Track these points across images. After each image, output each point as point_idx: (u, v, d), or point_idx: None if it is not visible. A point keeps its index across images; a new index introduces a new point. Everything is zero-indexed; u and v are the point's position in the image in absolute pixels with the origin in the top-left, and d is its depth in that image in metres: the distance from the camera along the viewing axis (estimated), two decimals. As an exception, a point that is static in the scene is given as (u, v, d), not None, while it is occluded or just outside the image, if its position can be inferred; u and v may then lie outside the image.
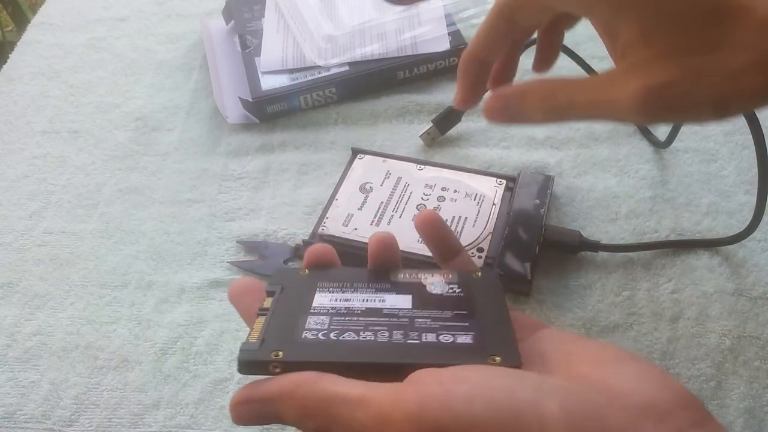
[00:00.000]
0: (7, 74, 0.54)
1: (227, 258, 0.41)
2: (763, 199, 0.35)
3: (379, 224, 0.39)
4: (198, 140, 0.48)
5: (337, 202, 0.41)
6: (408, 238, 0.37)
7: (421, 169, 0.43)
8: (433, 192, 0.41)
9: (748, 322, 0.36)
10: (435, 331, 0.25)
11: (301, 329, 0.25)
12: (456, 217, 0.40)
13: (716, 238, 0.39)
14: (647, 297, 0.37)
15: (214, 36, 0.54)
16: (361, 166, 0.43)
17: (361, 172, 0.43)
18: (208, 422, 0.34)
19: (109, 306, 0.39)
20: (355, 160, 0.44)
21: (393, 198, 0.41)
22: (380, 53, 0.49)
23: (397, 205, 0.41)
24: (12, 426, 0.35)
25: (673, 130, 0.43)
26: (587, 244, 0.39)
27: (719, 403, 0.33)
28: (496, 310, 0.26)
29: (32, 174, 0.47)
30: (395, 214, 0.40)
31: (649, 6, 0.27)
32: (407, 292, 0.28)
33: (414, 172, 0.43)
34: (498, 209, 0.40)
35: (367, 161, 0.44)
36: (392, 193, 0.41)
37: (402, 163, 0.43)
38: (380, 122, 0.48)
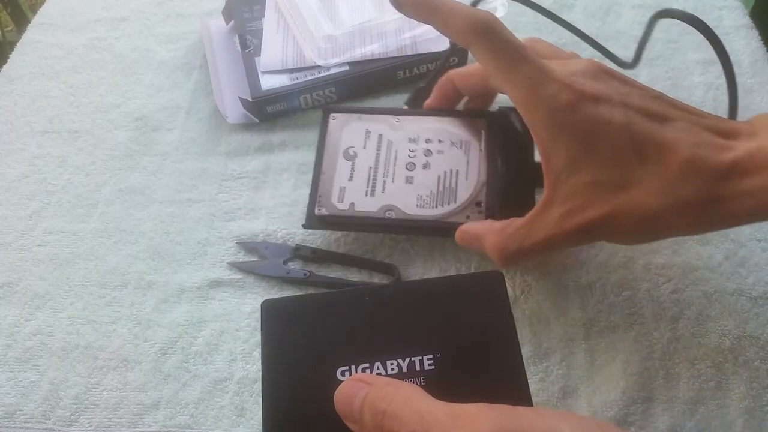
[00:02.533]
0: (7, 74, 0.54)
1: (227, 258, 0.41)
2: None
3: (374, 194, 0.39)
4: (198, 140, 0.48)
5: (324, 176, 0.40)
6: (406, 202, 0.37)
7: (398, 121, 0.42)
8: (418, 146, 0.40)
9: (748, 322, 0.36)
10: None
11: None
12: (448, 172, 0.39)
13: None
14: (647, 297, 0.37)
15: (214, 36, 0.54)
16: (337, 128, 0.42)
17: (338, 134, 0.41)
18: (208, 422, 0.34)
19: (109, 306, 0.39)
20: (329, 121, 0.42)
21: (380, 161, 0.40)
22: (380, 53, 0.49)
23: (386, 169, 0.39)
24: (12, 426, 0.35)
25: (639, 50, 0.43)
26: None
27: (719, 403, 0.33)
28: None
29: (32, 174, 0.47)
30: (387, 179, 0.39)
31: (580, 138, 0.29)
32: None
33: (393, 126, 0.41)
34: (486, 154, 0.39)
35: (342, 120, 0.42)
36: (378, 156, 0.40)
37: (378, 116, 0.42)
38: (380, 122, 0.48)
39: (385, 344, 0.25)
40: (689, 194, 0.28)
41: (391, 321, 0.26)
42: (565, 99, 0.29)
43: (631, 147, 0.29)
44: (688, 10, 0.53)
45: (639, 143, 0.29)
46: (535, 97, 0.30)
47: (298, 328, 0.26)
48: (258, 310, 0.38)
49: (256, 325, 0.38)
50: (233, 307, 0.39)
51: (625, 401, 0.34)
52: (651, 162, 0.29)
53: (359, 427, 0.23)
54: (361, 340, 0.26)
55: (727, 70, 0.37)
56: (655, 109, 0.30)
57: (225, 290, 0.39)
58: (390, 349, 0.25)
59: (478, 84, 0.39)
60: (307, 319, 0.26)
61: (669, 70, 0.41)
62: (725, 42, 0.51)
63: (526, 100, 0.31)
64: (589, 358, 0.35)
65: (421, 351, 0.25)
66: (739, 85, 0.48)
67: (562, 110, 0.29)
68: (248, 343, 0.37)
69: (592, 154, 0.29)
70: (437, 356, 0.25)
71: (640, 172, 0.29)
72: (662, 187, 0.28)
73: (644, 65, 0.49)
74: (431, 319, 0.26)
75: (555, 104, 0.30)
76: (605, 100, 0.30)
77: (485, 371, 0.25)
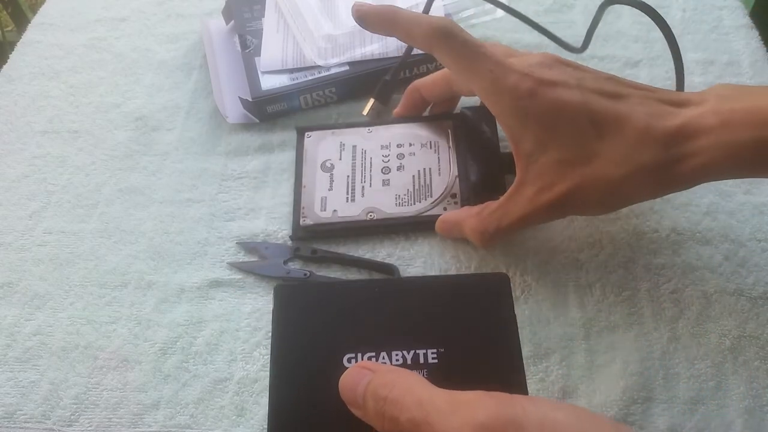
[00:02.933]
0: (7, 74, 0.54)
1: (227, 258, 0.41)
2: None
3: (353, 200, 0.41)
4: (198, 140, 0.48)
5: (306, 189, 0.42)
6: (385, 203, 0.40)
7: (370, 131, 0.44)
8: (391, 151, 0.43)
9: (748, 322, 0.36)
10: None
11: None
12: (421, 171, 0.42)
13: None
14: (647, 297, 0.37)
15: (214, 36, 0.54)
16: (312, 145, 0.44)
17: (314, 150, 0.44)
18: (208, 422, 0.34)
19: (109, 306, 0.39)
20: (304, 139, 0.45)
21: (356, 169, 0.43)
22: (380, 53, 0.49)
23: (363, 176, 0.42)
24: (12, 426, 0.35)
25: (588, 35, 0.46)
26: None
27: (719, 403, 0.33)
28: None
29: (32, 174, 0.47)
30: (365, 184, 0.42)
31: (543, 121, 0.32)
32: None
33: (365, 136, 0.44)
34: (455, 150, 0.42)
35: (316, 137, 0.45)
36: (354, 165, 0.43)
37: (350, 130, 0.45)
38: (380, 122, 0.48)
39: (391, 336, 0.26)
40: (646, 160, 0.31)
41: (399, 314, 0.27)
42: (525, 87, 0.32)
43: (590, 123, 0.31)
44: (688, 10, 0.54)
45: (597, 119, 0.31)
46: (499, 88, 0.33)
47: (308, 314, 0.27)
48: (258, 310, 0.38)
49: (256, 325, 0.38)
50: (233, 307, 0.39)
51: (625, 401, 0.34)
52: (609, 135, 0.31)
53: (362, 412, 0.24)
54: (368, 330, 0.26)
55: (674, 51, 0.39)
56: (610, 89, 0.32)
57: (225, 290, 0.39)
58: (396, 340, 0.26)
59: (442, 90, 0.42)
60: (318, 306, 0.27)
61: (669, 70, 0.41)
62: (725, 42, 0.51)
63: (491, 91, 0.33)
64: (589, 358, 0.35)
65: (426, 345, 0.26)
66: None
67: (525, 97, 0.32)
68: (248, 343, 0.37)
69: (556, 134, 0.32)
70: (441, 351, 0.26)
71: (600, 145, 0.31)
72: (621, 157, 0.31)
73: (644, 65, 0.49)
74: (437, 315, 0.27)
75: (517, 92, 0.32)
76: (562, 85, 0.32)
77: (485, 368, 0.26)
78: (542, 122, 0.32)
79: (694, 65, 0.49)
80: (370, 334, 0.26)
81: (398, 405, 0.23)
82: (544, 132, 0.32)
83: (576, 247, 0.40)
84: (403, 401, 0.23)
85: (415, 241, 0.40)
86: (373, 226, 0.40)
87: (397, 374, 0.24)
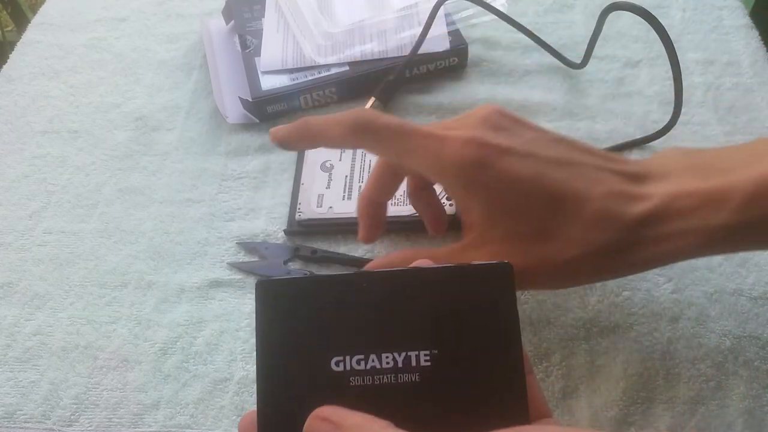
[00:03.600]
0: (7, 74, 0.54)
1: (227, 258, 0.41)
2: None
3: (350, 197, 0.41)
4: (198, 140, 0.48)
5: (303, 186, 0.42)
6: None
7: None
8: None
9: (748, 322, 0.36)
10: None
11: None
12: None
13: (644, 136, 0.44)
14: (647, 297, 0.37)
15: (214, 36, 0.54)
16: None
17: (315, 152, 0.44)
18: (208, 422, 0.34)
19: (109, 306, 0.39)
20: None
21: (355, 169, 0.43)
22: (380, 51, 0.49)
23: (361, 176, 0.42)
24: (12, 426, 0.35)
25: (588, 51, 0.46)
26: None
27: (719, 403, 0.33)
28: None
29: (32, 174, 0.47)
30: (362, 184, 0.42)
31: (493, 194, 0.29)
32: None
33: None
34: None
35: None
36: (353, 165, 0.43)
37: None
38: (380, 122, 0.48)
39: (381, 335, 0.24)
40: (605, 244, 0.28)
41: (390, 311, 0.25)
42: (470, 156, 0.29)
43: (545, 201, 0.29)
44: (688, 11, 0.54)
45: (552, 196, 0.29)
46: (440, 162, 0.30)
47: (293, 311, 0.25)
48: (258, 310, 0.38)
49: (256, 325, 0.38)
50: (233, 307, 0.39)
51: (625, 401, 0.33)
52: (565, 214, 0.29)
53: None
54: (357, 329, 0.25)
55: (673, 63, 0.39)
56: (562, 155, 0.30)
57: (225, 290, 0.39)
58: (386, 340, 0.24)
59: (391, 182, 0.36)
60: (303, 302, 0.25)
61: (669, 70, 0.41)
62: (725, 42, 0.51)
63: (433, 168, 0.30)
64: (589, 358, 0.35)
65: (419, 346, 0.24)
66: (739, 86, 0.48)
67: (469, 168, 0.29)
68: (248, 343, 0.37)
69: (506, 210, 0.29)
70: (434, 353, 0.24)
71: (555, 223, 0.29)
72: (578, 239, 0.29)
73: (645, 65, 0.49)
74: (432, 311, 0.25)
75: (462, 163, 0.29)
76: (512, 153, 0.29)
77: (482, 373, 0.24)
78: (491, 196, 0.29)
79: (694, 65, 0.49)
80: (359, 333, 0.24)
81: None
82: (494, 207, 0.30)
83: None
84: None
85: (415, 240, 0.40)
86: None
87: (363, 429, 0.22)
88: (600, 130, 0.46)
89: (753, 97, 0.47)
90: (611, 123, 0.46)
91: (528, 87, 0.49)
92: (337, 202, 0.41)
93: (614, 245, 0.28)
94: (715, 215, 0.27)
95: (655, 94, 0.48)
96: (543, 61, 0.50)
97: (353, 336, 0.24)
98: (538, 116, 0.47)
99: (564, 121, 0.46)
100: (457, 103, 0.48)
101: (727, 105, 0.47)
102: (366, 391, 0.23)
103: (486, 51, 0.52)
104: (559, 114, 0.47)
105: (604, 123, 0.46)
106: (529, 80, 0.49)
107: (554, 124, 0.46)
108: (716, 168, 0.29)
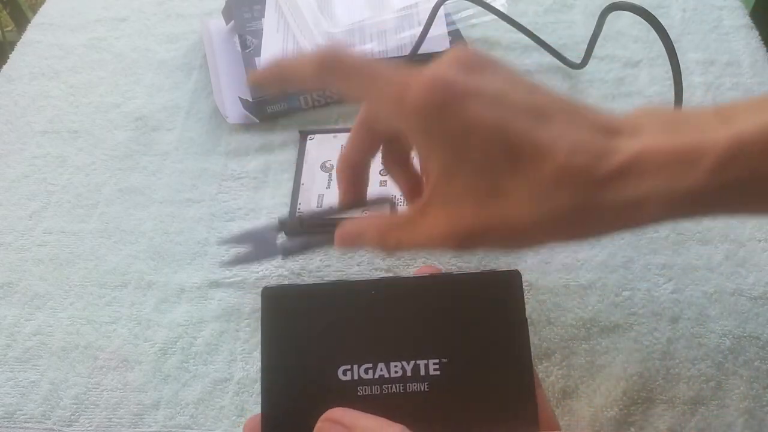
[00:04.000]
0: (7, 74, 0.54)
1: (227, 258, 0.41)
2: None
3: None
4: (198, 140, 0.48)
5: (304, 186, 0.42)
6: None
7: None
8: None
9: (748, 322, 0.36)
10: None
11: None
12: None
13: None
14: (647, 297, 0.37)
15: (214, 36, 0.54)
16: (314, 147, 0.45)
17: (316, 152, 0.44)
18: (208, 422, 0.34)
19: (109, 306, 0.39)
20: (306, 142, 0.45)
21: None
22: (379, 51, 0.49)
23: None
24: (12, 426, 0.35)
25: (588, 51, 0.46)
26: None
27: (719, 403, 0.33)
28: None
29: (32, 174, 0.47)
30: None
31: (452, 142, 0.27)
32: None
33: None
34: None
35: (319, 140, 0.45)
36: None
37: None
38: (380, 122, 0.48)
39: (390, 344, 0.24)
40: (563, 204, 0.26)
41: (399, 318, 0.25)
42: (432, 100, 0.26)
43: (503, 152, 0.26)
44: (688, 11, 0.54)
45: (511, 147, 0.26)
46: (401, 105, 0.27)
47: (299, 319, 0.25)
48: (258, 310, 0.38)
49: (256, 326, 0.38)
50: (233, 307, 0.39)
51: (625, 401, 0.33)
52: (523, 169, 0.26)
53: None
54: (365, 337, 0.24)
55: (673, 63, 0.39)
56: (533, 104, 0.27)
57: (225, 290, 0.39)
58: (395, 349, 0.24)
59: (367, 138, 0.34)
60: (310, 310, 0.25)
61: (669, 70, 0.41)
62: (725, 42, 0.51)
63: (394, 112, 0.28)
64: (589, 358, 0.35)
65: (428, 354, 0.24)
66: (739, 86, 0.48)
67: (431, 109, 0.26)
68: (248, 343, 0.37)
69: (464, 160, 0.27)
70: (444, 361, 0.24)
71: (511, 181, 0.26)
72: (534, 197, 0.26)
73: (645, 65, 0.49)
74: (441, 319, 0.24)
75: (423, 104, 0.26)
76: (477, 96, 0.26)
77: (493, 382, 0.24)
78: (450, 145, 0.27)
79: (694, 65, 0.49)
80: (367, 342, 0.24)
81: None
82: (452, 156, 0.27)
83: (576, 247, 0.40)
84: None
85: (415, 241, 0.40)
86: None
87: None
88: (600, 130, 0.46)
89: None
90: (611, 123, 0.46)
91: (528, 87, 0.49)
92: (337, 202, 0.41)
93: (573, 207, 0.26)
94: (685, 176, 0.24)
95: (655, 94, 0.48)
96: (543, 61, 0.50)
97: (361, 344, 0.24)
98: (538, 116, 0.47)
99: (564, 121, 0.46)
100: (457, 103, 0.48)
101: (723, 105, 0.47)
102: (375, 400, 0.23)
103: (486, 51, 0.52)
104: (559, 114, 0.47)
105: (604, 123, 0.46)
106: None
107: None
108: (691, 125, 0.26)
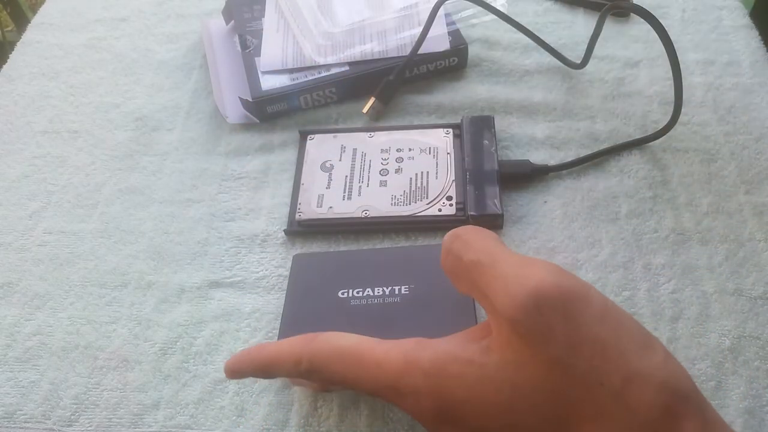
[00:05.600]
0: (7, 74, 0.54)
1: (227, 258, 0.41)
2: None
3: (350, 197, 0.41)
4: (198, 140, 0.48)
5: (304, 187, 0.42)
6: (381, 203, 0.41)
7: (371, 136, 0.45)
8: (390, 155, 0.44)
9: (748, 322, 0.36)
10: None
11: None
12: (419, 174, 0.42)
13: (644, 136, 0.44)
14: (647, 297, 0.37)
15: (214, 36, 0.54)
16: (314, 147, 0.45)
17: (315, 152, 0.44)
18: (208, 422, 0.34)
19: (109, 306, 0.39)
20: (306, 142, 0.45)
21: (355, 170, 0.43)
22: (379, 51, 0.49)
23: (361, 176, 0.43)
24: (12, 426, 0.35)
25: (588, 51, 0.47)
26: (538, 170, 0.43)
27: (719, 403, 0.33)
28: None
29: (32, 174, 0.47)
30: (362, 184, 0.42)
31: None
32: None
33: (366, 141, 0.45)
34: (453, 157, 0.43)
35: (318, 140, 0.45)
36: (353, 166, 0.43)
37: (352, 134, 0.46)
38: (380, 122, 0.48)
39: (375, 276, 0.34)
40: None
41: (382, 263, 0.35)
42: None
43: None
44: (688, 11, 0.54)
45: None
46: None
47: (315, 270, 0.36)
48: (258, 310, 0.38)
49: (256, 326, 0.38)
50: (233, 308, 0.39)
51: (625, 401, 0.33)
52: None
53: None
54: (359, 275, 0.35)
55: (673, 63, 0.40)
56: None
57: (225, 290, 0.39)
58: (378, 279, 0.34)
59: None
60: (323, 264, 0.36)
61: (669, 70, 0.41)
62: (725, 42, 0.51)
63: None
64: (589, 358, 0.35)
65: (401, 282, 0.34)
66: (739, 86, 0.48)
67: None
68: (248, 343, 0.37)
69: None
70: (411, 287, 0.34)
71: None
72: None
73: (645, 65, 0.49)
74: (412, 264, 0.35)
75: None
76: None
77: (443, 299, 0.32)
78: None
79: (694, 65, 0.49)
80: (360, 276, 0.35)
81: (468, 245, 0.25)
82: None
83: (576, 247, 0.40)
84: (474, 244, 0.25)
85: (415, 240, 0.40)
86: (367, 224, 0.41)
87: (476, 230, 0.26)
88: (600, 130, 0.46)
89: (753, 97, 0.47)
90: (611, 123, 0.46)
91: (528, 87, 0.49)
92: (337, 202, 0.41)
93: None
94: None
95: (655, 94, 0.48)
96: (543, 61, 0.50)
97: (355, 278, 0.35)
98: (537, 116, 0.47)
99: (564, 121, 0.46)
100: (457, 103, 0.48)
101: (727, 105, 0.47)
102: (362, 308, 0.33)
103: (486, 51, 0.52)
104: (559, 114, 0.47)
105: (604, 123, 0.46)
106: (529, 80, 0.49)
107: (554, 124, 0.46)
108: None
